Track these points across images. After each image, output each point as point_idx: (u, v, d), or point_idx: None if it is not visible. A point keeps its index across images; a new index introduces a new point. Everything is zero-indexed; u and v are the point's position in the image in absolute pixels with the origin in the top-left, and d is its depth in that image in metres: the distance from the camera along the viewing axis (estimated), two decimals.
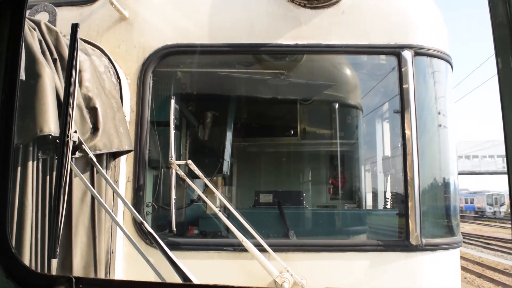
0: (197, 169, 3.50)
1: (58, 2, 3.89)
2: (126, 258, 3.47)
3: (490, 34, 1.46)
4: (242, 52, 3.84)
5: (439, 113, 3.96)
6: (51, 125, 2.50)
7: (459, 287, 3.70)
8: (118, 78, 3.58)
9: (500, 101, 1.42)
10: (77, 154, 2.77)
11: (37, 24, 2.89)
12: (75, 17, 3.80)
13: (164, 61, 3.78)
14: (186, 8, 3.80)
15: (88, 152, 2.76)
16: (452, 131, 3.97)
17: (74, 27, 2.44)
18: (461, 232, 4.05)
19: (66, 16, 3.73)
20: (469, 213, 67.78)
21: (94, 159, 2.84)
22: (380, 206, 5.67)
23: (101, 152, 3.01)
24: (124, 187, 3.55)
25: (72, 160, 2.68)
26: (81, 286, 1.80)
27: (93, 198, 2.98)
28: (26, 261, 2.43)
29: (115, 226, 3.37)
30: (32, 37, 2.72)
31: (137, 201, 3.52)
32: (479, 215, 63.56)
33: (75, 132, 2.66)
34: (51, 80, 2.63)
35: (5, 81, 1.88)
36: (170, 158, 3.46)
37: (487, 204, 62.99)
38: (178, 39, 3.71)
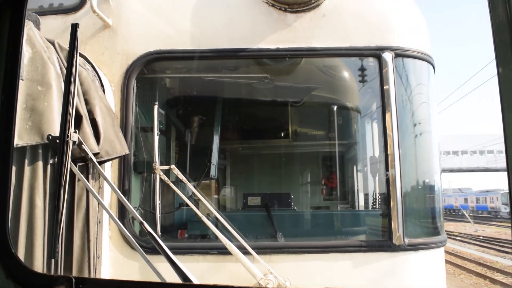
0: (181, 174, 3.54)
1: (42, 11, 3.95)
2: (112, 263, 3.51)
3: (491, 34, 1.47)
4: (224, 57, 3.88)
5: (421, 113, 3.99)
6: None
7: (444, 286, 3.72)
8: (102, 85, 3.62)
9: (500, 102, 1.43)
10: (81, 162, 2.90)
11: (52, 42, 3.05)
12: (59, 26, 3.84)
13: (148, 67, 3.83)
14: (169, 14, 3.84)
15: (88, 152, 2.82)
16: (435, 131, 4.00)
17: (74, 27, 2.49)
18: (485, 237, 4.06)
19: (50, 25, 3.78)
20: (480, 213, 62.30)
21: (94, 160, 2.89)
22: (371, 205, 5.70)
23: (103, 159, 3.11)
24: (110, 193, 3.59)
25: (76, 167, 2.77)
26: (81, 286, 1.81)
27: (79, 203, 3.03)
28: (26, 261, 2.46)
29: (100, 231, 3.41)
30: (50, 52, 2.88)
31: (122, 207, 3.56)
32: (493, 216, 58.44)
33: (75, 132, 2.72)
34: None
35: (5, 81, 1.90)
36: (154, 164, 3.50)
37: (502, 204, 57.32)
38: (161, 45, 3.75)
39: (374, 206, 5.11)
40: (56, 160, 2.64)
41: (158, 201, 3.50)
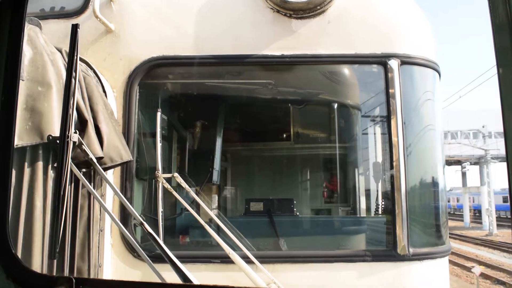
0: (184, 181, 3.51)
1: (43, 15, 3.89)
2: (114, 272, 3.48)
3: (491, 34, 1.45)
4: (228, 64, 3.84)
5: (426, 120, 3.95)
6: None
7: None
8: (104, 91, 3.58)
9: (500, 102, 1.42)
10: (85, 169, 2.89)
11: (59, 50, 3.04)
12: (61, 30, 3.78)
13: (151, 73, 3.78)
14: (172, 20, 3.79)
15: (88, 153, 2.79)
16: (440, 137, 3.97)
17: (74, 28, 2.46)
18: None
19: (52, 30, 3.72)
20: (504, 215, 54.62)
21: (94, 160, 2.85)
22: (373, 211, 5.67)
23: (107, 166, 3.08)
24: (111, 200, 3.55)
25: (81, 172, 2.73)
26: (81, 286, 1.80)
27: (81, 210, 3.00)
28: (27, 261, 2.44)
29: (102, 240, 3.38)
30: (54, 56, 2.87)
31: (125, 214, 3.52)
32: None
33: (75, 132, 2.69)
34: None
35: (5, 81, 1.89)
36: (156, 171, 3.47)
37: None
38: (164, 51, 3.71)
39: (377, 212, 5.08)
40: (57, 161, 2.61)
41: (161, 208, 3.47)
